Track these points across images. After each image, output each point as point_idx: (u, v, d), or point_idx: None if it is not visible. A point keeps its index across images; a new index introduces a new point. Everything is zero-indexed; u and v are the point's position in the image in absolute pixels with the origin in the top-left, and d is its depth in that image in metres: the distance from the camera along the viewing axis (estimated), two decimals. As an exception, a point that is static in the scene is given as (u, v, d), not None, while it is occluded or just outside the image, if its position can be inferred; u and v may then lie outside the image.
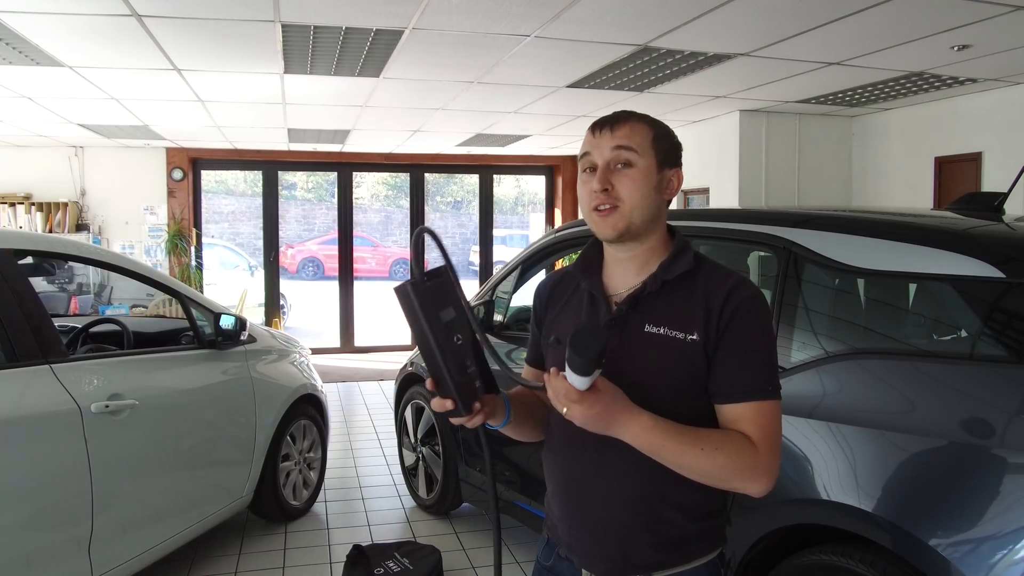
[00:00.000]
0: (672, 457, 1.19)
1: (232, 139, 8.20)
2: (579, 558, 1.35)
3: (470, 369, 1.17)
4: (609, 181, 1.28)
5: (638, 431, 1.18)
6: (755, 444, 1.20)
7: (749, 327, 1.24)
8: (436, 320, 1.14)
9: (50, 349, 2.58)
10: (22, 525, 2.37)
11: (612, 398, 1.16)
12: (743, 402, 1.23)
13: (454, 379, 1.15)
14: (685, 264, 1.30)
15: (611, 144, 1.29)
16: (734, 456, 1.19)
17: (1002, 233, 2.11)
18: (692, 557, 1.30)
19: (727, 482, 1.21)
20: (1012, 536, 1.61)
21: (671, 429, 1.18)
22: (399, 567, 3.31)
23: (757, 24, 3.86)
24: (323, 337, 10.19)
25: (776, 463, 1.22)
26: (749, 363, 1.24)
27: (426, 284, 1.14)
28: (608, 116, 1.33)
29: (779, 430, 1.24)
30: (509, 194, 18.24)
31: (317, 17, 3.73)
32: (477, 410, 1.21)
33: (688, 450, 1.18)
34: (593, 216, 1.31)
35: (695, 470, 1.19)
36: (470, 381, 1.17)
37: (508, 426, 1.33)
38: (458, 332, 1.16)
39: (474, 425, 1.23)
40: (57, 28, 3.89)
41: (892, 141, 6.48)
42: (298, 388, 3.99)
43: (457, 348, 1.15)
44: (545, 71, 4.89)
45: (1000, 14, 3.63)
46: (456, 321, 1.16)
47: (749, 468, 1.19)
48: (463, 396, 1.17)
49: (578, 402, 1.13)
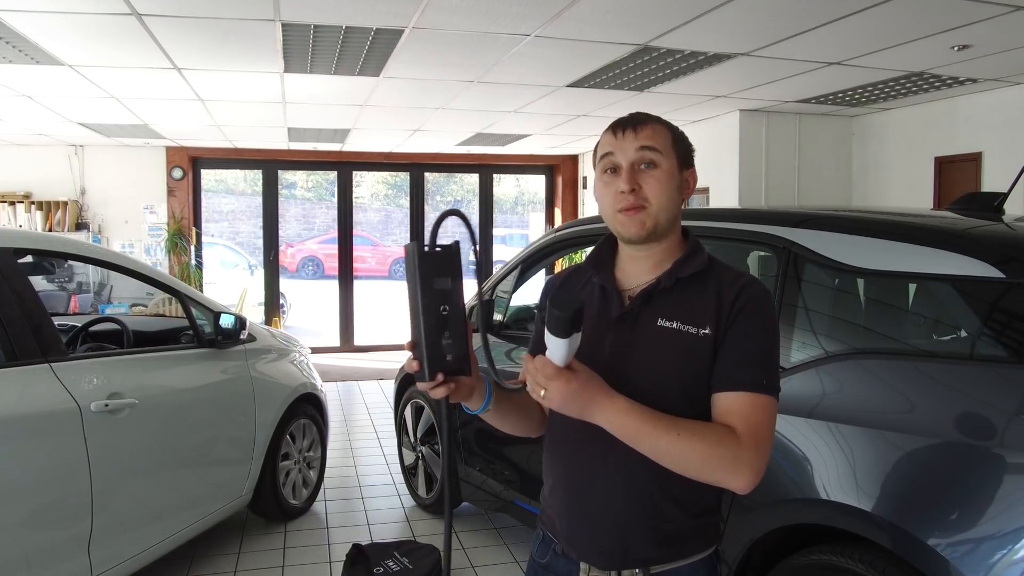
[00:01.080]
0: (648, 442, 1.18)
1: (232, 138, 8.20)
2: (579, 552, 1.35)
3: (445, 341, 1.19)
4: (636, 181, 1.29)
5: (614, 413, 1.18)
6: (739, 436, 1.19)
7: (753, 323, 1.25)
8: (430, 284, 1.17)
9: (50, 348, 2.58)
10: (22, 524, 2.37)
11: (588, 377, 1.18)
12: (733, 391, 1.22)
13: (427, 342, 1.18)
14: (699, 263, 1.32)
15: (636, 145, 1.30)
16: (714, 445, 1.17)
17: (1002, 233, 2.11)
18: (689, 553, 1.31)
19: (707, 472, 1.19)
20: (1011, 536, 1.61)
21: (648, 413, 1.18)
22: (398, 566, 3.31)
23: (757, 24, 3.86)
24: (323, 336, 10.19)
25: (761, 459, 1.19)
26: (747, 356, 1.24)
27: (434, 251, 1.18)
28: (627, 117, 1.33)
29: (769, 426, 1.22)
30: (509, 193, 18.24)
31: (317, 16, 3.73)
32: (439, 380, 1.21)
33: (664, 435, 1.17)
34: (619, 217, 1.31)
35: (673, 457, 1.18)
36: (441, 351, 1.19)
37: (489, 414, 1.33)
38: (446, 304, 1.19)
39: (436, 396, 1.23)
40: (57, 27, 3.89)
41: (892, 141, 6.48)
42: (298, 387, 3.99)
43: (440, 316, 1.18)
44: (545, 70, 4.89)
45: (1000, 14, 3.62)
46: (448, 293, 1.19)
47: (729, 459, 1.17)
48: (430, 361, 1.19)
49: (554, 378, 1.14)
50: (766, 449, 1.21)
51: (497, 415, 1.36)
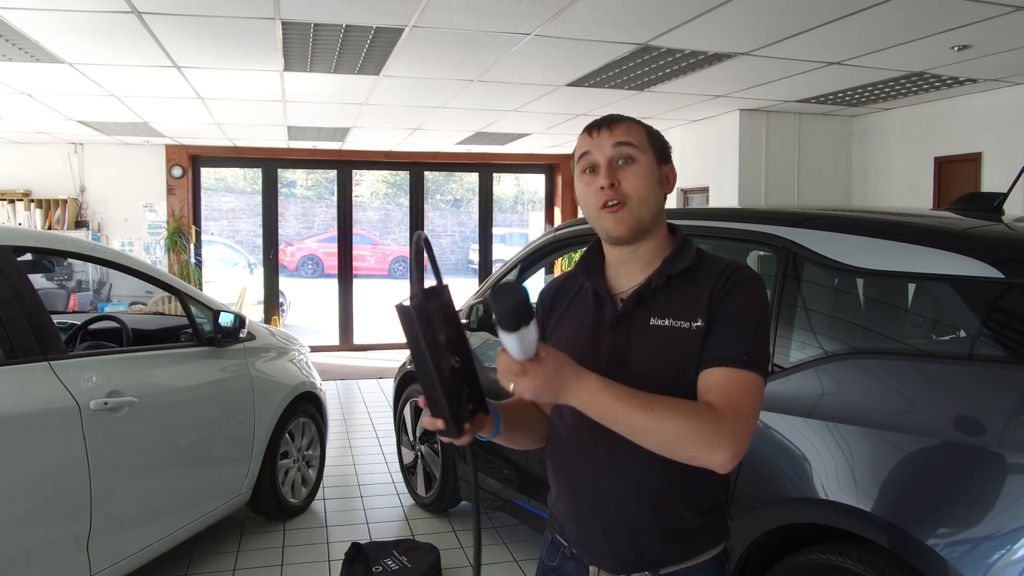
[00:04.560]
0: (623, 419, 1.16)
1: (232, 136, 8.20)
2: (589, 556, 1.34)
3: (464, 391, 1.18)
4: (615, 177, 1.29)
5: (586, 395, 1.16)
6: (718, 411, 1.16)
7: (736, 302, 1.25)
8: (435, 342, 1.13)
9: (49, 346, 2.57)
10: (21, 522, 2.37)
11: (556, 366, 1.14)
12: (715, 367, 1.21)
13: (448, 401, 1.15)
14: (688, 259, 1.31)
15: (612, 141, 1.30)
16: (691, 419, 1.14)
17: (1002, 233, 2.11)
18: (699, 551, 1.31)
19: (684, 448, 1.16)
20: (1010, 536, 1.61)
21: (622, 391, 1.17)
22: (397, 565, 3.31)
23: (757, 24, 3.86)
24: (322, 335, 10.19)
25: (741, 434, 1.15)
26: (728, 333, 1.23)
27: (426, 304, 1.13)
28: (601, 118, 1.34)
29: (751, 403, 1.19)
30: (509, 192, 18.24)
31: (317, 15, 3.73)
32: (467, 430, 1.21)
33: (638, 411, 1.15)
34: (602, 215, 1.30)
35: (648, 434, 1.16)
36: (463, 405, 1.17)
37: (499, 437, 1.32)
38: (457, 354, 1.15)
39: (462, 444, 1.22)
40: (57, 24, 3.89)
41: (892, 141, 6.49)
42: (297, 386, 3.99)
43: (453, 370, 1.15)
44: (545, 70, 4.89)
45: (1000, 14, 3.62)
46: (453, 341, 1.16)
47: (707, 434, 1.14)
48: (455, 418, 1.17)
49: (520, 375, 1.13)
50: (747, 425, 1.17)
51: (508, 436, 1.34)
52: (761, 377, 1.22)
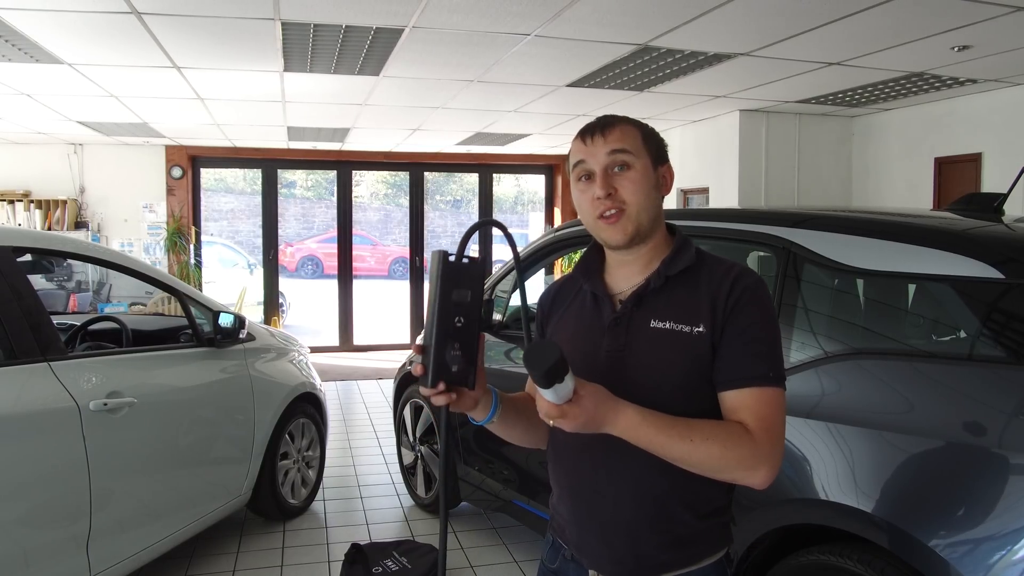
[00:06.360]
0: (664, 451, 1.17)
1: (231, 137, 8.20)
2: (589, 560, 1.34)
3: (453, 352, 1.19)
4: (611, 185, 1.27)
5: (625, 428, 1.17)
6: (752, 432, 1.18)
7: (752, 314, 1.24)
8: (448, 295, 1.18)
9: (49, 347, 2.57)
10: (20, 523, 2.37)
11: (594, 404, 1.14)
12: (743, 388, 1.21)
13: (435, 350, 1.19)
14: (688, 259, 1.30)
15: (606, 149, 1.28)
16: (729, 446, 1.17)
17: (1002, 234, 2.11)
18: (700, 557, 1.30)
19: (725, 472, 1.19)
20: (1010, 537, 1.61)
21: (660, 422, 1.17)
22: (397, 566, 3.31)
23: (757, 24, 3.86)
24: (322, 335, 10.19)
25: (777, 452, 1.19)
26: (751, 350, 1.22)
27: (459, 262, 1.19)
28: (594, 122, 1.32)
29: (781, 418, 1.22)
30: (509, 193, 18.23)
31: (317, 15, 3.73)
32: (440, 389, 1.20)
33: (678, 443, 1.16)
34: (600, 224, 1.29)
35: (689, 462, 1.18)
36: (447, 361, 1.19)
37: (493, 424, 1.32)
38: (462, 316, 1.19)
39: (437, 403, 1.22)
40: (57, 25, 3.89)
41: (892, 141, 6.49)
42: (297, 386, 3.99)
43: (453, 327, 1.19)
44: (545, 70, 4.89)
45: (1000, 14, 3.63)
46: (465, 306, 1.19)
47: (747, 458, 1.17)
48: (435, 369, 1.19)
49: (559, 417, 1.13)
50: (780, 442, 1.21)
51: (503, 426, 1.34)
52: (784, 389, 1.24)
